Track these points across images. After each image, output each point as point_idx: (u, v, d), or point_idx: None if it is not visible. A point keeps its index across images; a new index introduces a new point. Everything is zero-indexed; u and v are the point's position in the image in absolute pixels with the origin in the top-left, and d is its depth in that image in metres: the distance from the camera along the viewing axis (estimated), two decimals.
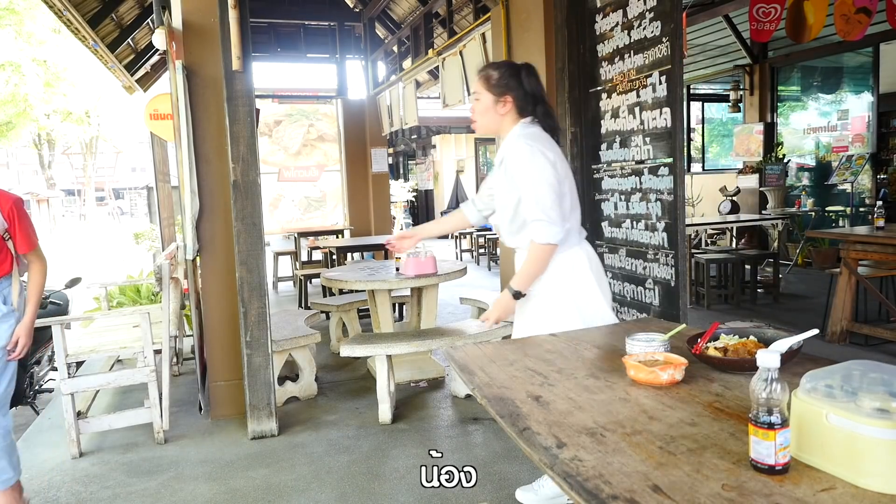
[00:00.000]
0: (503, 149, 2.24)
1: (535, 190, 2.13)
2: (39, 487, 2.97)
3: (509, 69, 2.27)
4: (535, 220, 2.13)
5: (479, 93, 2.24)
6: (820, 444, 1.07)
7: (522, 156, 2.15)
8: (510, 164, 2.18)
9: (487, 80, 2.24)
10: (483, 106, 2.24)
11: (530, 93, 2.25)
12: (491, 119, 2.25)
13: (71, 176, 33.00)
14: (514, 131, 2.23)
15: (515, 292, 2.20)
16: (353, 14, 9.66)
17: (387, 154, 9.54)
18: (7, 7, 17.52)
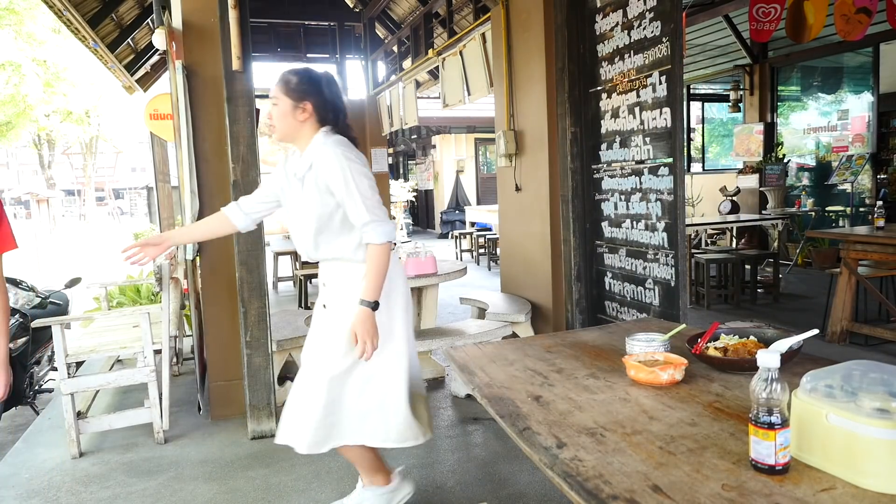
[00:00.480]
0: (307, 157, 2.15)
1: (361, 193, 2.08)
2: (39, 487, 2.97)
3: (309, 75, 2.19)
4: (369, 222, 2.08)
5: (278, 97, 2.15)
6: (820, 444, 1.07)
7: (339, 162, 2.08)
8: (323, 172, 2.10)
9: (286, 85, 2.15)
10: (280, 111, 2.15)
11: (330, 101, 2.19)
12: (289, 125, 2.16)
13: (71, 176, 33.00)
14: (318, 139, 2.16)
15: (373, 303, 2.08)
16: (353, 14, 9.66)
17: (387, 154, 9.54)
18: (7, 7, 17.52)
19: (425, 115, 11.42)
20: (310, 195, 2.15)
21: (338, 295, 2.24)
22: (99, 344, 3.62)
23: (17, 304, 4.14)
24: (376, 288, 2.10)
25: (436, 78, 9.04)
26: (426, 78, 10.05)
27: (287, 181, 2.25)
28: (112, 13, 6.71)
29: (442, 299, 5.62)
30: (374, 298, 2.09)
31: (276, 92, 2.15)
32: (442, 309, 5.98)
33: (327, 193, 2.12)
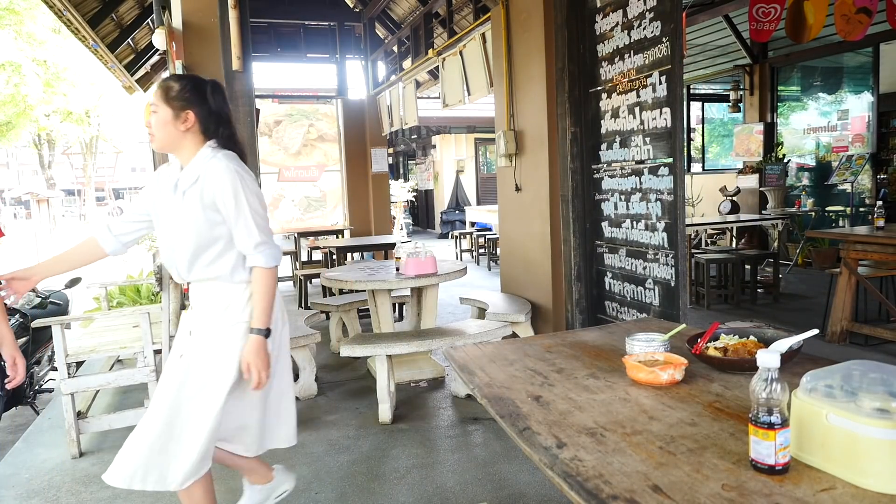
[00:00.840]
0: (193, 170, 2.00)
1: (252, 211, 1.97)
2: (39, 487, 2.97)
3: (192, 83, 2.05)
4: (259, 244, 1.98)
5: (157, 105, 2.01)
6: (820, 444, 1.07)
7: (230, 178, 1.96)
8: (211, 187, 1.96)
9: (166, 93, 2.01)
10: (161, 120, 2.01)
11: (215, 112, 2.05)
12: (170, 134, 2.01)
13: (71, 176, 32.98)
14: (206, 152, 2.02)
15: (266, 331, 1.98)
16: (353, 14, 9.66)
17: (387, 154, 9.54)
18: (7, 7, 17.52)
19: (425, 115, 11.43)
20: (192, 210, 1.98)
21: (210, 319, 2.05)
22: (99, 344, 3.62)
23: (17, 304, 4.14)
24: (267, 314, 1.99)
25: (436, 78, 9.04)
26: (426, 78, 10.05)
27: (161, 195, 2.07)
28: (112, 13, 6.71)
29: (442, 299, 5.62)
30: (265, 325, 1.98)
31: (156, 99, 2.02)
32: (442, 309, 5.98)
33: (212, 210, 1.98)
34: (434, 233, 16.13)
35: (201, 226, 1.98)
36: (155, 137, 2.04)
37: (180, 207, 2.00)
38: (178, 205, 2.01)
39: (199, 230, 1.99)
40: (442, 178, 16.04)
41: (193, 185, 1.99)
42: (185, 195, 2.00)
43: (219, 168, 1.97)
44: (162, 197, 2.07)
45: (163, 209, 2.06)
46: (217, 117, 2.06)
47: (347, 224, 9.19)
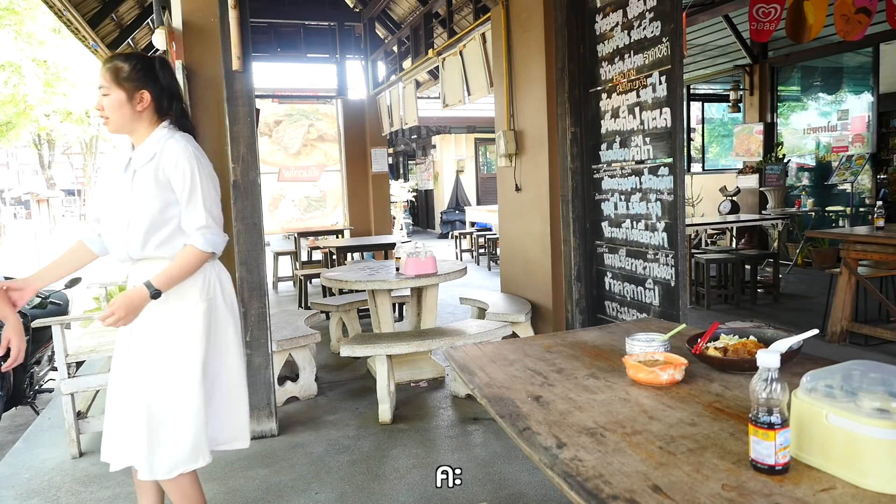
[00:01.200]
0: (148, 149, 1.99)
1: (205, 195, 1.97)
2: (39, 487, 2.97)
3: (142, 61, 2.01)
4: (203, 227, 1.97)
5: (108, 87, 1.96)
6: (820, 444, 1.07)
7: (188, 158, 1.96)
8: (167, 166, 1.95)
9: (116, 74, 1.96)
10: (114, 102, 1.96)
11: (167, 88, 2.04)
12: (125, 116, 1.98)
13: (71, 176, 33.00)
14: (161, 132, 2.01)
15: (156, 291, 1.91)
16: (353, 14, 9.66)
17: (387, 154, 9.54)
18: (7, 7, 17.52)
19: (425, 115, 11.43)
20: (145, 189, 1.96)
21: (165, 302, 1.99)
22: (99, 344, 3.62)
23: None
24: (170, 283, 1.94)
25: (436, 78, 9.04)
26: (426, 78, 10.06)
27: (111, 175, 2.06)
28: (112, 13, 6.71)
29: (442, 299, 5.62)
30: (161, 288, 1.92)
31: (106, 81, 1.97)
32: (442, 309, 5.98)
33: (168, 189, 1.97)
34: (434, 233, 16.13)
35: (154, 205, 1.96)
36: (110, 121, 2.00)
37: (132, 186, 1.98)
38: (128, 183, 1.99)
39: (151, 209, 1.96)
40: (442, 178, 16.05)
41: (148, 163, 1.98)
42: (137, 173, 1.98)
43: (176, 148, 1.96)
44: (112, 177, 2.05)
45: (112, 188, 2.04)
46: (169, 94, 2.05)
47: (347, 224, 9.19)
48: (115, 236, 2.03)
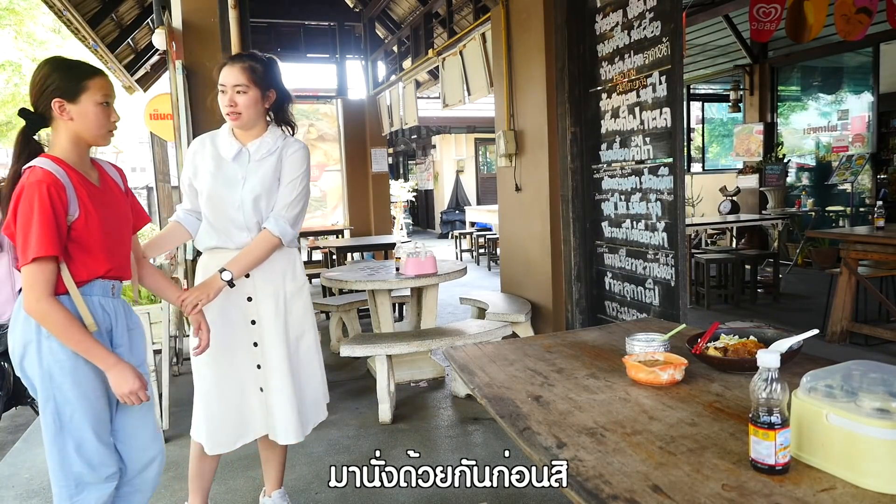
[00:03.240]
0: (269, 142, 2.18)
1: (300, 194, 2.19)
2: (39, 487, 2.97)
3: (270, 63, 2.20)
4: (283, 214, 2.16)
5: (247, 86, 2.11)
6: (820, 444, 1.07)
7: (306, 158, 2.22)
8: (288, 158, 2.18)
9: (254, 73, 2.13)
10: (251, 99, 2.13)
11: (285, 88, 2.24)
12: (256, 113, 2.16)
13: None
14: (278, 131, 2.23)
15: (230, 281, 2.08)
16: (353, 14, 9.66)
17: (387, 154, 9.54)
18: (7, 7, 17.52)
19: (425, 115, 11.43)
20: (265, 177, 2.16)
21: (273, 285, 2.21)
22: None
23: None
24: (244, 269, 2.12)
25: (436, 78, 9.04)
26: (426, 78, 10.05)
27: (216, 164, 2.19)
28: (112, 13, 6.71)
29: (442, 299, 5.62)
30: (235, 275, 2.08)
31: (245, 79, 2.11)
32: (442, 309, 5.98)
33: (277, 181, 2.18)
34: (434, 233, 16.13)
35: (271, 192, 2.16)
36: (241, 117, 2.14)
37: (247, 173, 2.16)
38: (241, 170, 2.17)
39: (269, 195, 2.16)
40: (442, 178, 16.05)
41: (269, 156, 2.18)
42: (255, 163, 2.17)
43: (299, 146, 2.22)
44: (215, 165, 2.19)
45: (219, 175, 2.18)
46: (286, 93, 2.24)
47: (347, 224, 9.19)
48: (230, 219, 2.18)
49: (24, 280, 1.61)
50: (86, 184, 1.72)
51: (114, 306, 1.79)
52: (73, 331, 1.63)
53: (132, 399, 1.71)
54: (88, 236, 1.68)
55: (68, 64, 1.74)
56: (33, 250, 1.57)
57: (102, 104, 1.71)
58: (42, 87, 1.68)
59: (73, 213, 1.64)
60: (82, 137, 1.72)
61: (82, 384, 1.69)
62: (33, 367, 1.69)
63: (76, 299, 1.68)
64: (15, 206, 1.61)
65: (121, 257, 1.79)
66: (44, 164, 1.63)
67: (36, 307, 1.60)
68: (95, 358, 1.68)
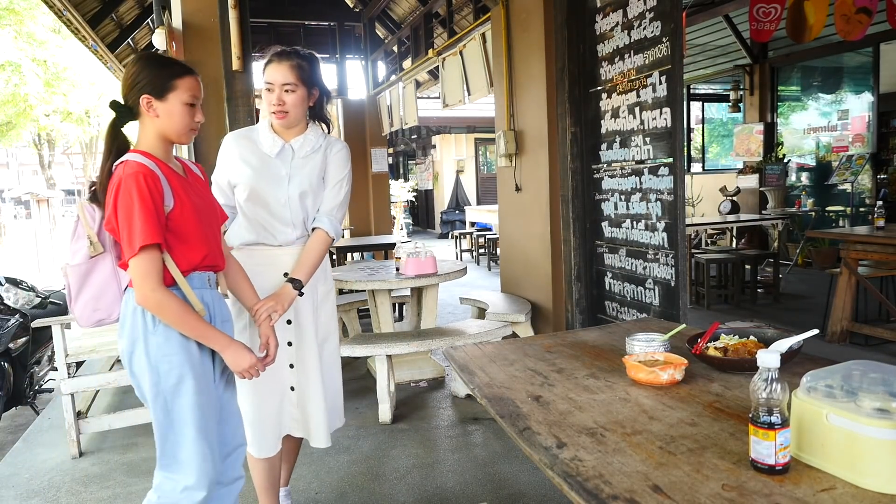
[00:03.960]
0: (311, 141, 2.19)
1: (346, 190, 2.23)
2: (39, 487, 2.97)
3: (315, 61, 2.19)
4: (333, 212, 2.19)
5: (295, 84, 2.10)
6: (820, 444, 1.07)
7: (348, 159, 2.26)
8: (333, 156, 2.21)
9: (301, 72, 2.11)
10: (298, 98, 2.12)
11: (326, 86, 2.24)
12: (301, 111, 2.16)
13: (71, 176, 32.98)
14: (319, 129, 2.24)
15: (301, 285, 2.08)
16: (353, 14, 9.66)
17: (387, 154, 9.54)
18: (7, 7, 17.51)
19: (425, 115, 11.42)
20: (311, 174, 2.18)
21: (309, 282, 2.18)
22: (99, 344, 3.62)
23: (17, 304, 4.14)
24: (310, 273, 2.13)
25: (436, 78, 9.04)
26: (426, 78, 10.05)
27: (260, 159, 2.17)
28: (112, 13, 6.71)
29: (442, 299, 5.62)
30: (304, 281, 2.10)
31: (293, 78, 2.10)
32: (442, 309, 5.98)
33: (322, 179, 2.21)
34: (434, 233, 16.13)
35: (317, 190, 2.19)
36: (289, 115, 2.13)
37: (291, 170, 2.17)
38: (285, 167, 2.17)
39: (315, 193, 2.19)
40: (442, 178, 16.04)
41: (314, 153, 2.20)
42: (300, 160, 2.18)
43: (343, 148, 2.26)
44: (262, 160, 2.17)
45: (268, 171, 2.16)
46: (327, 92, 2.25)
47: (347, 224, 9.18)
48: (270, 215, 2.17)
49: (135, 272, 1.61)
50: (176, 175, 1.73)
51: (211, 297, 1.81)
52: (189, 317, 1.66)
53: (251, 373, 1.77)
54: (185, 226, 1.69)
55: (161, 62, 1.76)
56: (139, 239, 1.57)
57: (189, 104, 1.72)
58: (133, 83, 1.70)
59: (168, 203, 1.65)
60: (166, 134, 1.73)
61: (188, 380, 1.70)
62: (141, 364, 1.70)
63: (184, 288, 1.70)
64: (115, 200, 1.61)
65: (215, 247, 1.81)
66: (135, 158, 1.65)
67: (152, 297, 1.61)
68: (211, 341, 1.72)
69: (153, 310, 1.64)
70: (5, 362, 3.76)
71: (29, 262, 12.35)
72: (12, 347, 3.79)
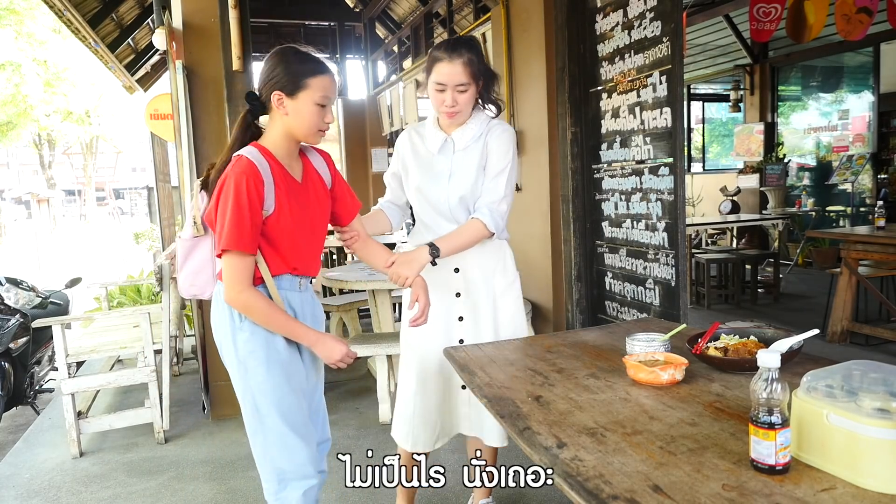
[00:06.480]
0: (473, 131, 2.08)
1: (510, 178, 2.09)
2: (40, 487, 2.97)
3: (479, 50, 2.06)
4: (496, 203, 2.06)
5: (468, 83, 2.00)
6: (820, 444, 1.07)
7: (511, 140, 2.10)
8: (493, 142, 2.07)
9: (472, 67, 2.00)
10: (470, 96, 2.03)
11: (489, 68, 2.13)
12: (471, 106, 2.07)
13: (71, 176, 33.00)
14: (483, 117, 2.11)
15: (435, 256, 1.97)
16: (353, 14, 9.66)
17: (387, 154, 9.54)
18: (7, 7, 17.52)
19: (425, 115, 11.41)
20: (472, 166, 2.08)
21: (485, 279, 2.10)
22: (99, 344, 3.62)
23: (18, 304, 4.14)
24: (452, 250, 2.00)
25: None
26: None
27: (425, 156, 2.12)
28: (112, 13, 6.71)
29: None
30: (443, 253, 1.97)
31: (466, 77, 1.99)
32: None
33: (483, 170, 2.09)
34: None
35: (475, 187, 2.08)
36: (461, 114, 2.05)
37: (458, 166, 2.09)
38: (447, 162, 2.09)
39: (474, 184, 2.07)
40: None
41: (474, 143, 2.08)
42: (460, 153, 2.09)
43: (504, 128, 2.10)
44: (427, 157, 2.13)
45: (432, 169, 2.11)
46: (492, 75, 2.10)
47: None
48: (436, 213, 2.12)
49: (224, 271, 1.65)
50: (287, 179, 1.71)
51: (300, 300, 1.79)
52: (276, 315, 1.67)
53: (345, 362, 1.73)
54: (278, 234, 1.68)
55: (299, 58, 1.71)
56: (226, 242, 1.59)
57: (319, 105, 1.68)
58: (267, 77, 1.68)
59: (268, 207, 1.64)
60: (293, 133, 1.70)
61: (276, 376, 1.70)
62: (231, 359, 1.72)
63: (272, 290, 1.70)
64: (219, 193, 1.62)
65: (307, 256, 1.78)
66: (250, 155, 1.63)
67: (238, 298, 1.64)
68: (300, 337, 1.71)
69: (240, 310, 1.67)
70: (6, 362, 3.76)
71: (29, 262, 12.35)
72: (13, 347, 3.79)
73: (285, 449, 1.72)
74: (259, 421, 1.73)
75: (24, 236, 21.77)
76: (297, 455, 1.73)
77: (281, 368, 1.71)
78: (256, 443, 1.75)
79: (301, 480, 1.74)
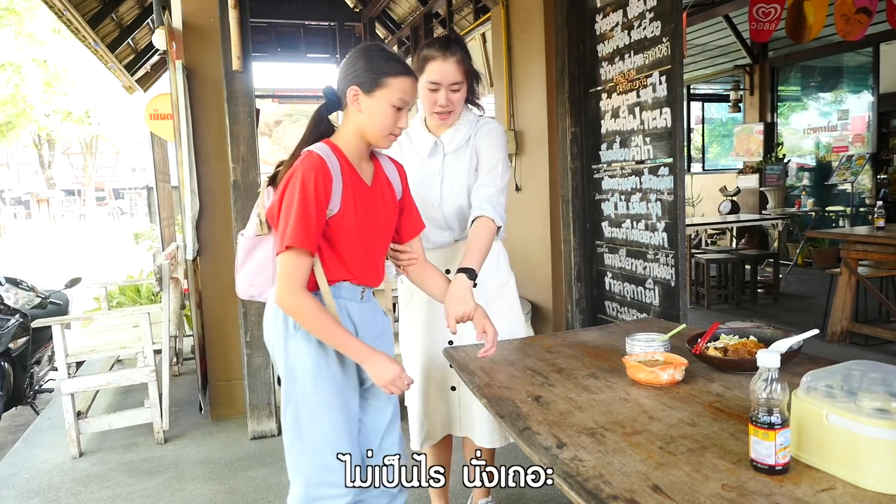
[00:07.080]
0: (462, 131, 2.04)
1: (504, 170, 2.03)
2: (39, 487, 2.97)
3: (467, 51, 2.02)
4: (496, 195, 2.00)
5: (462, 82, 1.97)
6: (820, 444, 1.07)
7: (501, 135, 2.07)
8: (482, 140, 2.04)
9: (464, 65, 1.97)
10: (462, 95, 2.00)
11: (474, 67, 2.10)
12: (461, 106, 2.03)
13: (71, 176, 33.00)
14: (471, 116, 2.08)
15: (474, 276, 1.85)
16: (353, 14, 9.66)
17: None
18: (7, 7, 17.51)
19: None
20: (464, 168, 2.04)
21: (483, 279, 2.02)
22: (99, 344, 3.62)
23: (18, 304, 4.14)
24: (482, 259, 1.91)
25: None
26: None
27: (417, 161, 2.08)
28: (112, 13, 6.71)
29: None
30: (478, 269, 1.87)
31: (460, 76, 1.95)
32: None
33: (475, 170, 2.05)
34: None
35: (471, 182, 2.05)
36: (453, 114, 2.03)
37: (449, 169, 2.06)
38: (437, 167, 2.06)
39: (467, 187, 2.05)
40: None
41: (464, 144, 2.05)
42: (456, 154, 2.06)
43: (493, 125, 2.07)
44: (419, 162, 2.09)
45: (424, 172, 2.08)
46: (477, 74, 2.07)
47: None
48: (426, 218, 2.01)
49: (279, 269, 1.56)
50: (356, 180, 1.63)
51: (360, 311, 1.70)
52: (326, 323, 1.55)
53: (395, 388, 1.59)
54: (340, 236, 1.60)
55: (382, 56, 1.64)
56: (289, 238, 1.51)
57: (395, 107, 1.60)
58: (347, 71, 1.63)
59: (333, 207, 1.56)
60: (364, 132, 1.63)
61: (323, 390, 1.62)
62: (280, 365, 1.65)
63: (326, 297, 1.61)
64: (284, 188, 1.55)
65: (368, 264, 1.69)
66: (320, 151, 1.57)
67: (287, 299, 1.55)
68: (349, 350, 1.59)
69: (288, 312, 1.58)
70: (5, 362, 3.76)
71: (29, 262, 12.34)
72: (12, 347, 3.79)
73: (319, 466, 1.63)
74: (298, 433, 1.64)
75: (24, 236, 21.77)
76: (331, 475, 1.63)
77: (329, 384, 1.62)
78: (291, 452, 1.66)
79: (329, 500, 1.65)
